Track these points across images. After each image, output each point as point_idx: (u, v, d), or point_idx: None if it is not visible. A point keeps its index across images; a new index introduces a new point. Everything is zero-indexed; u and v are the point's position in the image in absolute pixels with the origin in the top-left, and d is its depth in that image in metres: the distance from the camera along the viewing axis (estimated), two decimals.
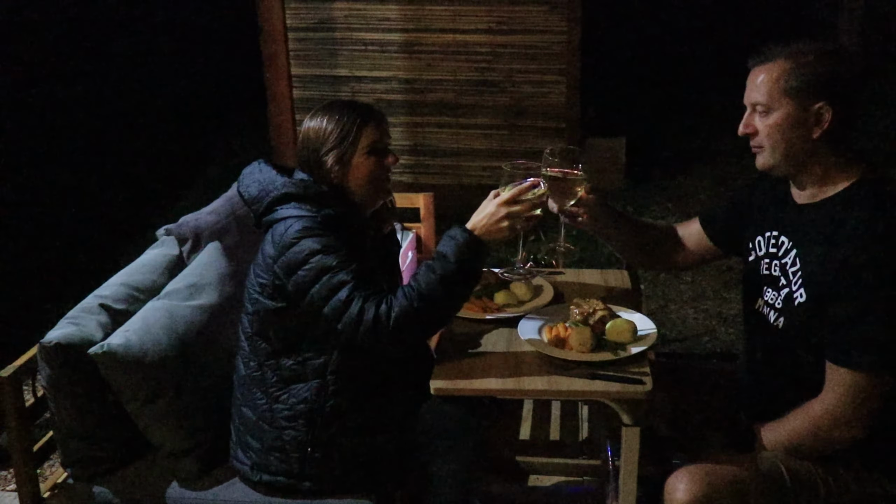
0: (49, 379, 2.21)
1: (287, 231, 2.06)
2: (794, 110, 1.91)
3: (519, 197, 2.01)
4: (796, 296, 1.95)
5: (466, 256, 1.99)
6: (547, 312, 2.24)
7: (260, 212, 2.17)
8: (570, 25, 5.32)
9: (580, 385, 1.96)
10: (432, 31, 5.45)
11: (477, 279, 2.06)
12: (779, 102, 1.92)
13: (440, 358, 2.09)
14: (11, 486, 2.95)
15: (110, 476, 2.32)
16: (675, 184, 5.97)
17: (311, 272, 2.02)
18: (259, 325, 2.16)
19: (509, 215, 2.00)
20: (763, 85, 1.93)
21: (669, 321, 4.11)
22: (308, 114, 2.19)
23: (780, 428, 1.96)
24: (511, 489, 2.80)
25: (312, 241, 2.03)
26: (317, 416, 2.15)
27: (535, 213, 2.04)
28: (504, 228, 2.01)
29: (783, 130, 1.93)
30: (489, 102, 5.57)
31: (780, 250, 2.03)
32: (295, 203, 2.10)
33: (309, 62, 5.60)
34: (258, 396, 2.20)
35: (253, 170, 2.24)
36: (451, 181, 5.69)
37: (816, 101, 1.89)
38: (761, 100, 1.94)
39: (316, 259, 2.02)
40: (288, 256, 2.05)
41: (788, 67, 1.91)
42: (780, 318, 2.01)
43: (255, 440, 2.21)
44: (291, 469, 2.18)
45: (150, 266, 2.57)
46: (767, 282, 2.07)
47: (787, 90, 1.90)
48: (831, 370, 1.87)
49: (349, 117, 2.15)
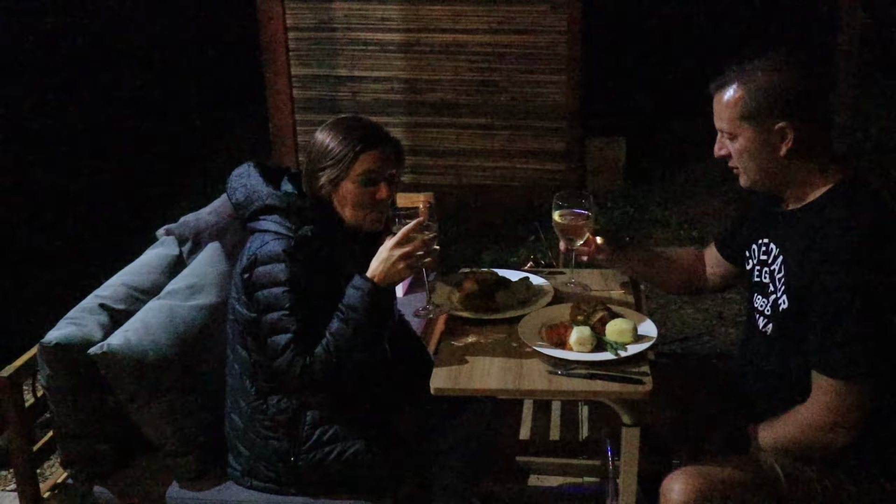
0: (49, 379, 2.21)
1: (262, 248, 2.07)
2: (755, 134, 1.90)
3: (406, 238, 2.02)
4: (780, 302, 1.95)
5: (372, 304, 2.01)
6: (547, 312, 2.24)
7: (245, 217, 2.18)
8: (570, 25, 5.33)
9: (580, 385, 1.96)
10: (432, 31, 5.46)
11: (387, 319, 2.08)
12: (739, 129, 1.92)
13: (440, 358, 2.09)
14: (11, 486, 2.95)
15: (110, 476, 2.32)
16: (675, 184, 5.97)
17: (267, 299, 2.04)
18: (238, 334, 2.17)
19: (403, 256, 2.01)
20: (722, 113, 1.94)
21: (669, 321, 4.11)
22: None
23: (770, 430, 1.97)
24: (511, 489, 2.80)
25: (280, 270, 2.03)
26: (298, 427, 2.14)
27: (431, 250, 2.06)
28: (401, 270, 2.02)
29: (751, 153, 1.93)
30: (489, 102, 5.57)
31: (769, 257, 2.03)
32: (277, 217, 2.10)
33: (309, 62, 5.61)
34: (242, 405, 2.20)
35: (241, 173, 2.24)
36: (451, 181, 5.70)
37: (776, 122, 1.88)
38: (724, 127, 1.95)
39: (275, 290, 2.03)
40: (254, 274, 2.06)
41: (741, 94, 1.89)
42: (769, 325, 2.02)
43: (243, 447, 2.21)
44: (279, 477, 2.19)
45: (150, 266, 2.57)
46: (758, 289, 2.07)
47: (744, 116, 1.90)
48: (815, 377, 1.87)
49: (350, 140, 2.11)
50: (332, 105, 5.61)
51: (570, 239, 2.31)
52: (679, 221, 5.39)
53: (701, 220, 5.40)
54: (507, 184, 5.71)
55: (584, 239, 2.30)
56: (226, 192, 2.30)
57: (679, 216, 5.46)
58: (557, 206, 2.29)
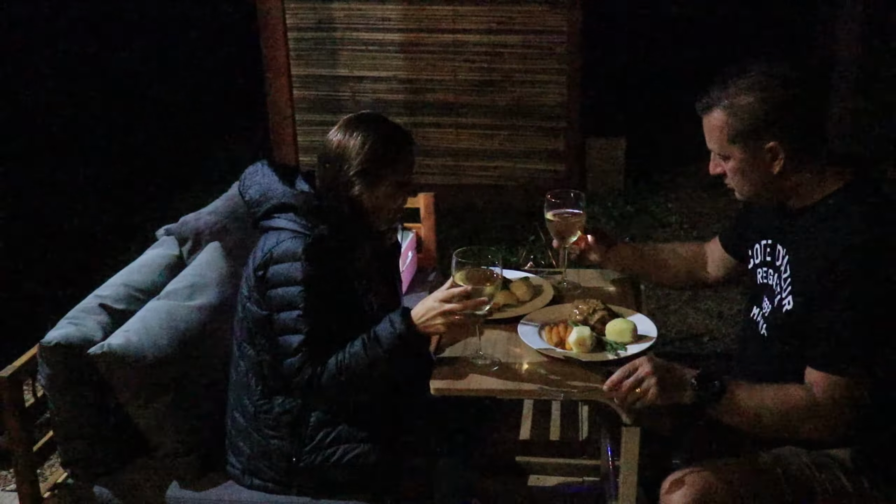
0: (49, 379, 2.21)
1: (277, 245, 2.06)
2: (745, 155, 1.90)
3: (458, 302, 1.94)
4: (785, 303, 1.94)
5: (398, 345, 1.99)
6: (547, 312, 2.24)
7: (258, 216, 2.17)
8: (570, 25, 5.33)
9: (580, 385, 1.96)
10: (432, 31, 5.45)
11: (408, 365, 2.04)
12: (729, 150, 1.91)
13: (440, 358, 2.09)
14: (11, 486, 2.95)
15: (110, 476, 2.32)
16: (675, 184, 5.97)
17: (282, 298, 2.04)
18: (247, 331, 2.17)
19: (444, 314, 1.96)
20: (711, 135, 1.93)
21: (669, 321, 4.11)
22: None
23: (752, 394, 1.86)
24: (511, 489, 2.80)
25: (297, 269, 2.02)
26: (301, 427, 2.14)
27: (477, 314, 1.96)
28: (437, 325, 1.97)
29: (743, 173, 1.93)
30: (489, 102, 5.57)
31: (774, 258, 2.02)
32: (293, 214, 2.09)
33: (309, 62, 5.60)
34: (246, 403, 2.20)
35: (255, 171, 2.23)
36: (451, 181, 5.70)
37: (766, 142, 1.87)
38: (714, 148, 1.95)
39: (291, 289, 2.03)
40: (269, 271, 2.06)
41: (726, 117, 1.88)
42: (768, 327, 2.01)
43: (245, 445, 2.21)
44: (280, 476, 2.19)
45: (150, 266, 2.57)
46: (760, 290, 2.07)
47: (733, 139, 1.89)
48: (807, 372, 1.86)
49: (392, 144, 2.11)
50: (332, 105, 5.61)
51: (562, 237, 2.33)
52: (679, 221, 5.39)
53: (701, 220, 5.40)
54: (507, 184, 5.71)
55: (577, 237, 2.33)
56: (236, 189, 2.30)
57: (679, 216, 5.46)
58: (550, 204, 2.31)
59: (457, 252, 1.98)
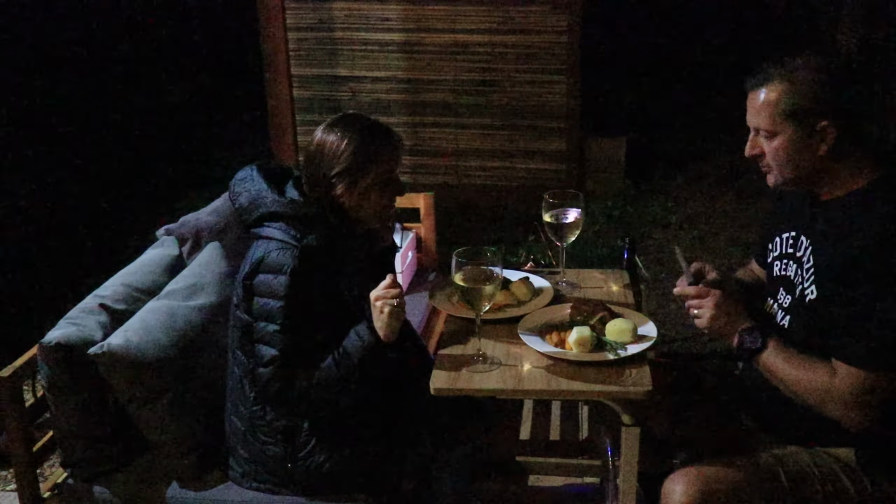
0: (49, 379, 2.21)
1: (266, 256, 2.06)
2: (797, 133, 1.88)
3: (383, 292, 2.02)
4: (807, 293, 1.93)
5: (366, 356, 2.02)
6: (547, 312, 2.24)
7: (248, 223, 2.17)
8: (570, 25, 5.33)
9: (580, 385, 1.96)
10: (432, 31, 5.46)
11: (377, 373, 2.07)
12: (781, 126, 1.89)
13: (440, 358, 2.09)
14: (11, 486, 2.95)
15: (110, 476, 2.32)
16: (675, 184, 5.97)
17: (262, 309, 2.05)
18: (238, 338, 2.17)
19: (379, 306, 2.01)
20: (762, 109, 1.90)
21: (669, 321, 4.11)
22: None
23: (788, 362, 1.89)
24: (511, 489, 2.80)
25: (281, 283, 2.03)
26: (295, 434, 2.14)
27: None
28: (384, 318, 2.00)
29: (789, 153, 1.90)
30: (489, 102, 5.57)
31: (796, 249, 2.01)
32: (282, 224, 2.08)
33: (309, 62, 5.60)
34: (241, 410, 2.20)
35: (245, 177, 2.21)
36: (451, 181, 5.70)
37: (819, 121, 1.86)
38: (762, 125, 1.91)
39: (272, 303, 2.03)
40: (256, 280, 2.06)
41: (786, 90, 1.87)
42: (787, 317, 2.00)
43: (243, 449, 2.21)
44: (278, 480, 2.19)
45: (150, 266, 2.57)
46: (779, 282, 2.06)
47: (788, 114, 1.87)
48: (833, 364, 1.86)
49: (369, 140, 2.09)
50: (332, 105, 5.61)
51: (561, 237, 2.33)
52: (679, 221, 5.39)
53: (701, 220, 5.40)
54: (506, 184, 5.71)
55: (575, 237, 2.33)
56: (228, 194, 2.29)
57: (679, 216, 5.46)
58: (548, 205, 2.31)
59: (457, 252, 1.98)
